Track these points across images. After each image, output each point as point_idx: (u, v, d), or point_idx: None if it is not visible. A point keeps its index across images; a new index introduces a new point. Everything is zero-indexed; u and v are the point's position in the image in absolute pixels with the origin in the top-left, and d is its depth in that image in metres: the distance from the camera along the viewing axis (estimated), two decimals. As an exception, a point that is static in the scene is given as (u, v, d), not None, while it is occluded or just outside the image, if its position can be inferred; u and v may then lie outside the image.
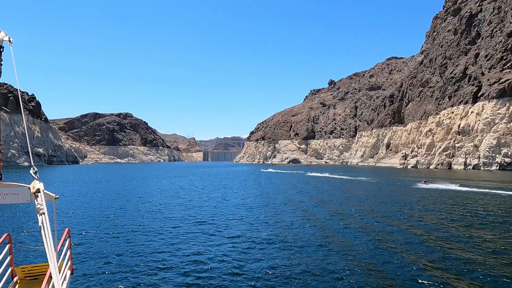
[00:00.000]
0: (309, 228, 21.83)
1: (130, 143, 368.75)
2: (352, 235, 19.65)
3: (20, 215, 26.25)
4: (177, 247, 17.42)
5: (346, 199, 37.47)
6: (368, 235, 19.45)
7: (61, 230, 10.01)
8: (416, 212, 27.46)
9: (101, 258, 15.57)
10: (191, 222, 24.27)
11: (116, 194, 43.85)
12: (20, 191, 6.75)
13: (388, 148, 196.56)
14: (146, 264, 14.81)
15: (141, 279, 13.03)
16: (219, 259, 15.54)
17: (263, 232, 20.67)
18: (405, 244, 17.32)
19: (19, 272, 7.73)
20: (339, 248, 16.88)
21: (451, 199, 35.93)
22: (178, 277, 13.33)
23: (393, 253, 15.76)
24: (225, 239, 19.21)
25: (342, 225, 22.51)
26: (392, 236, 19.29)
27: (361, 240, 18.45)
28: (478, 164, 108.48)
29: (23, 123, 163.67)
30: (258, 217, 26.23)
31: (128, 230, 21.34)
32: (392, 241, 18.15)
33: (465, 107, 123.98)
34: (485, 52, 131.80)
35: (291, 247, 17.26)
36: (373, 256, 15.37)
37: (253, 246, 17.48)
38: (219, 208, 31.09)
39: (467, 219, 24.25)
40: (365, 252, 16.03)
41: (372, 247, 16.94)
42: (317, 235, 19.73)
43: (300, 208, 31.05)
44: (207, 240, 18.96)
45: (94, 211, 29.15)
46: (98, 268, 14.23)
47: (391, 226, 21.89)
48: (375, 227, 21.84)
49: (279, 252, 16.40)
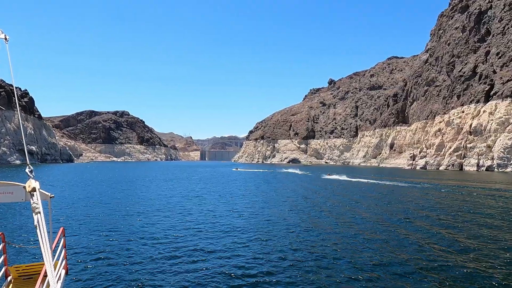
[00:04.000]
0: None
1: (126, 142, 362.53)
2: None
3: (14, 213, 25.79)
4: (175, 247, 16.90)
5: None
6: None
7: (56, 229, 9.76)
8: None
9: (96, 257, 15.22)
10: (188, 218, 23.39)
11: (112, 194, 42.02)
12: (15, 190, 6.67)
13: (392, 149, 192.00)
14: (142, 263, 14.47)
15: (137, 278, 12.70)
16: (214, 255, 14.99)
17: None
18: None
19: (13, 271, 7.66)
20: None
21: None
22: (175, 276, 12.93)
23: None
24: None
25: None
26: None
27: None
28: (492, 166, 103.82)
29: (16, 120, 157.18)
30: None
31: (124, 229, 20.83)
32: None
33: (477, 106, 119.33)
34: (497, 50, 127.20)
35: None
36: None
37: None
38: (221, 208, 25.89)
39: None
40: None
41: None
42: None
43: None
44: (203, 237, 17.98)
45: (89, 210, 28.39)
46: (93, 267, 13.92)
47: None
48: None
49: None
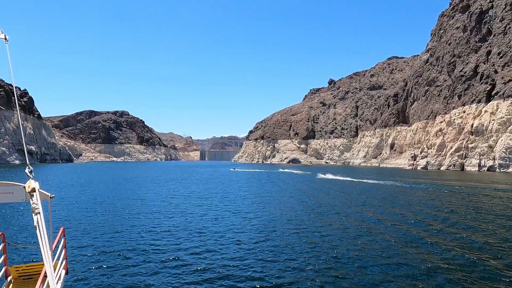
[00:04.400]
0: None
1: (126, 142, 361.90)
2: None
3: (15, 213, 25.48)
4: (176, 247, 16.64)
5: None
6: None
7: (56, 229, 9.76)
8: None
9: (96, 257, 15.07)
10: (189, 219, 23.08)
11: (113, 193, 41.81)
12: (15, 190, 6.63)
13: (392, 149, 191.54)
14: (142, 263, 14.29)
15: (137, 279, 12.58)
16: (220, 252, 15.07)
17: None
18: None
19: (13, 272, 7.64)
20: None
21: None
22: (175, 277, 12.80)
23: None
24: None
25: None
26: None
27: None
28: (494, 166, 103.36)
29: (15, 119, 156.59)
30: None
31: (124, 230, 20.56)
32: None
33: (478, 106, 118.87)
34: (498, 50, 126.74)
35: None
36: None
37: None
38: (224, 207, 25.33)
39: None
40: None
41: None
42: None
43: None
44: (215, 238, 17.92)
45: (89, 210, 28.11)
46: (94, 267, 13.76)
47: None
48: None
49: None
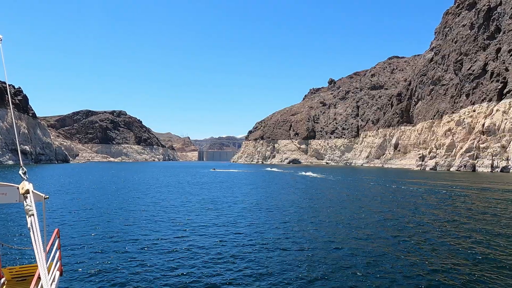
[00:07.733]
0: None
1: (123, 142, 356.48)
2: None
3: (8, 214, 24.91)
4: (172, 248, 16.29)
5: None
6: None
7: (50, 230, 9.70)
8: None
9: (91, 258, 14.62)
10: (188, 220, 23.04)
11: (108, 194, 41.25)
12: (9, 191, 6.54)
13: (396, 149, 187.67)
14: (137, 265, 13.85)
15: (132, 280, 12.22)
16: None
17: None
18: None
19: (6, 273, 7.56)
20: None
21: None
22: (171, 278, 12.40)
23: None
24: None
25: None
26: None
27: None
28: (507, 167, 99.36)
29: (8, 118, 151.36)
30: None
31: (120, 231, 20.21)
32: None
33: (489, 105, 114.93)
34: (508, 47, 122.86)
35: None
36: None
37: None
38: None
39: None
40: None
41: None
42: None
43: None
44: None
45: (84, 211, 27.47)
46: (88, 269, 13.32)
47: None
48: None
49: None
